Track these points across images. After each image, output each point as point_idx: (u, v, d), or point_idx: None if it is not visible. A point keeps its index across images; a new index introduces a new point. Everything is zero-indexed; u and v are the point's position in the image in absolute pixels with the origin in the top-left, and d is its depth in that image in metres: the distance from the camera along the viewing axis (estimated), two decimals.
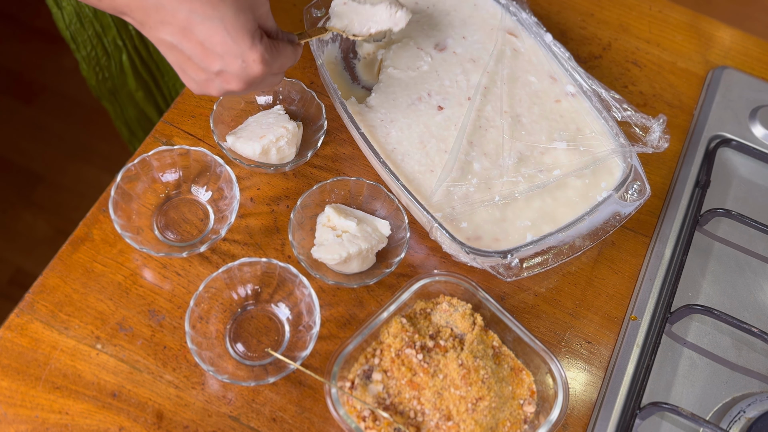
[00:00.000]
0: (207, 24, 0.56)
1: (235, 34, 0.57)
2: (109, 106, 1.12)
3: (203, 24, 0.56)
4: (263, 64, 0.59)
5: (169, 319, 0.69)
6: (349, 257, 0.69)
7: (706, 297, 0.77)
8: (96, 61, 1.01)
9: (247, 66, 0.59)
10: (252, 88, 0.62)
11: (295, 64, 0.65)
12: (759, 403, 0.70)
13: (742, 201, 0.83)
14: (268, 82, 0.63)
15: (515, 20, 0.85)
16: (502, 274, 0.69)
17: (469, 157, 0.76)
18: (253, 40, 0.58)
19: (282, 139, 0.75)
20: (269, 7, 0.62)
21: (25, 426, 0.63)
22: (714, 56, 0.94)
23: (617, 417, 0.69)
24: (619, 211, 0.74)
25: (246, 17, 0.57)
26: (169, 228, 0.73)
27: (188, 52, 0.58)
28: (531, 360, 0.68)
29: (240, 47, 0.58)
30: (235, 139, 0.75)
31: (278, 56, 0.62)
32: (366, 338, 0.66)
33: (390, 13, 0.72)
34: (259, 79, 0.61)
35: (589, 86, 0.80)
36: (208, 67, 0.59)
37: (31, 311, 0.68)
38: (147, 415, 0.65)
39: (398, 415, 0.64)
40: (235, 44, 0.57)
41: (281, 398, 0.67)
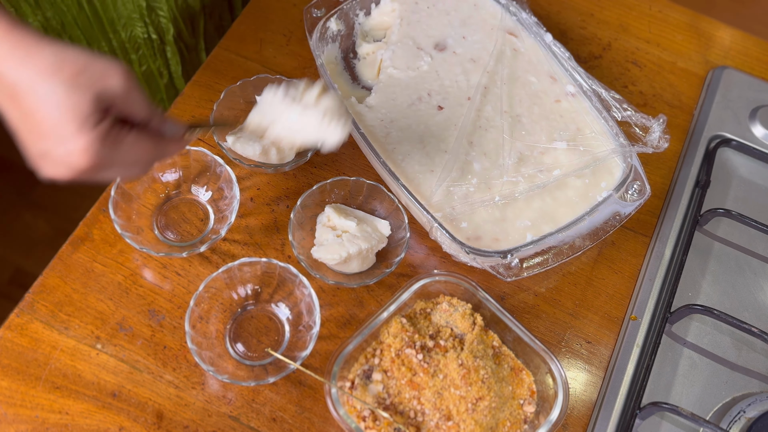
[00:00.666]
0: (35, 96, 0.48)
1: (62, 115, 0.48)
2: None
3: (31, 95, 0.48)
4: (89, 156, 0.49)
5: (169, 319, 0.69)
6: (349, 257, 0.69)
7: (706, 297, 0.77)
8: None
9: (71, 155, 0.49)
10: (88, 178, 0.52)
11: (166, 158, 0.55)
12: (759, 403, 0.70)
13: (742, 201, 0.83)
14: (112, 174, 0.53)
15: (515, 20, 0.85)
16: (502, 274, 0.69)
17: (469, 157, 0.76)
18: (82, 125, 0.49)
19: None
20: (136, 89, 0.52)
21: (25, 426, 0.63)
22: (714, 56, 0.94)
23: (617, 417, 0.69)
24: (619, 211, 0.74)
25: (80, 98, 0.48)
26: (169, 228, 0.73)
27: (15, 122, 0.50)
28: (531, 360, 0.68)
29: (64, 131, 0.49)
30: (235, 139, 0.75)
31: (121, 149, 0.51)
32: (366, 338, 0.66)
33: (321, 125, 0.60)
34: (88, 171, 0.50)
35: (589, 86, 0.80)
36: (34, 143, 0.50)
37: (31, 311, 0.68)
38: (147, 415, 0.65)
39: (398, 415, 0.64)
40: (60, 126, 0.48)
41: (281, 398, 0.67)
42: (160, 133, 0.56)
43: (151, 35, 0.96)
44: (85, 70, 0.49)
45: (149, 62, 1.01)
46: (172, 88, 1.07)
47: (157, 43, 0.98)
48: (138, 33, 0.96)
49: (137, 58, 1.00)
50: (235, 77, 0.83)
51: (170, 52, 0.99)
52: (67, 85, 0.48)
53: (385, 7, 0.85)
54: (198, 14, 0.97)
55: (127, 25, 0.95)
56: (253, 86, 0.79)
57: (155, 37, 0.97)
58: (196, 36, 1.01)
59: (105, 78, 0.50)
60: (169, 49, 0.99)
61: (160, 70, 1.03)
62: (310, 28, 0.80)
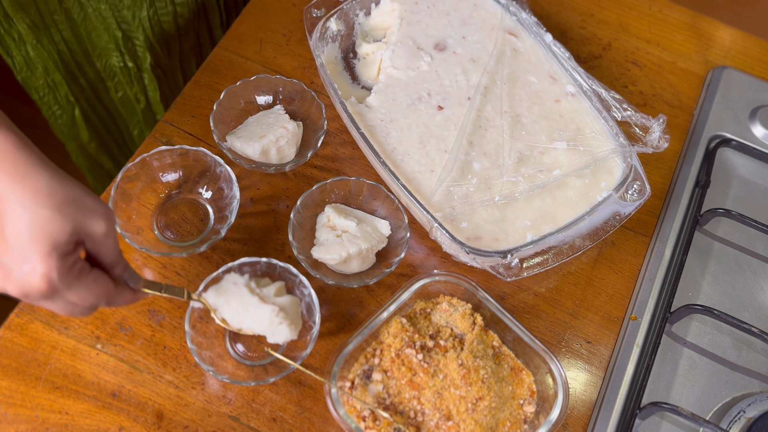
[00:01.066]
0: (15, 210, 0.49)
1: (36, 235, 0.49)
2: (72, 146, 1.11)
3: (12, 208, 0.49)
4: (47, 282, 0.49)
5: (169, 319, 0.69)
6: (349, 257, 0.69)
7: (706, 297, 0.77)
8: (48, 106, 0.99)
9: (29, 275, 0.49)
10: (32, 301, 0.52)
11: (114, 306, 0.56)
12: (759, 403, 0.70)
13: (742, 201, 0.83)
14: (58, 306, 0.53)
15: (515, 20, 0.85)
16: (502, 274, 0.69)
17: (469, 157, 0.76)
18: (51, 251, 0.49)
19: (282, 139, 0.75)
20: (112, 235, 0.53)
21: (25, 426, 0.63)
22: (714, 56, 0.94)
23: (617, 417, 0.69)
24: (619, 211, 0.74)
25: (60, 225, 0.49)
26: (169, 228, 0.73)
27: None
28: (531, 360, 0.68)
29: (32, 250, 0.49)
30: (235, 139, 0.75)
31: (78, 285, 0.52)
32: (366, 338, 0.66)
33: (272, 321, 0.62)
34: (38, 295, 0.50)
35: (589, 86, 0.80)
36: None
37: (31, 311, 0.68)
38: (147, 415, 0.65)
39: (398, 415, 0.64)
40: (30, 245, 0.49)
41: (281, 398, 0.67)
42: (118, 280, 0.56)
43: (128, 63, 0.96)
44: (73, 201, 0.50)
45: (125, 89, 1.01)
46: (149, 113, 1.05)
47: (134, 71, 0.97)
48: (114, 62, 0.95)
49: (113, 85, 1.00)
50: (235, 77, 0.83)
51: (147, 79, 0.99)
52: (52, 210, 0.49)
53: (385, 7, 0.85)
54: (173, 38, 0.97)
55: (102, 56, 0.94)
56: (253, 86, 0.79)
57: (132, 65, 0.96)
58: (172, 59, 1.00)
59: (90, 215, 0.51)
60: (146, 76, 0.99)
61: (137, 96, 1.02)
62: (310, 28, 0.80)
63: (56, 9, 0.85)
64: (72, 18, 0.88)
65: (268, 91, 0.80)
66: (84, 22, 0.88)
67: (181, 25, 0.96)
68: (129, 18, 0.89)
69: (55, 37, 0.89)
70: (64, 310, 0.53)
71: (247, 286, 0.64)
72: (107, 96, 1.02)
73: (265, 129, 0.75)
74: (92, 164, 1.14)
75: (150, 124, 1.07)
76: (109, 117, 1.07)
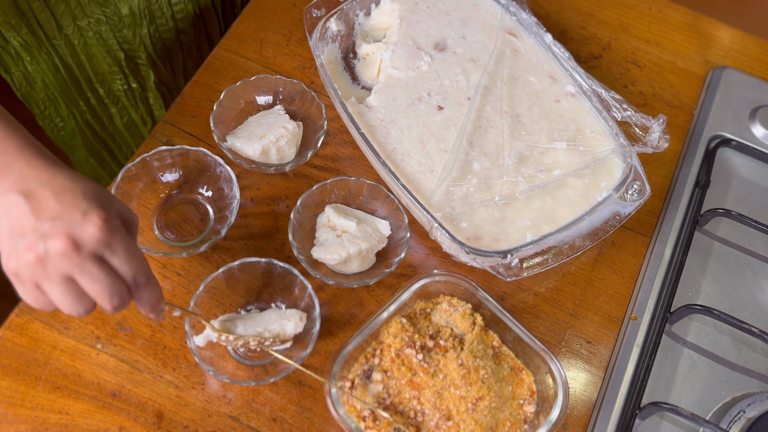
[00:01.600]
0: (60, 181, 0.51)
1: (91, 194, 0.51)
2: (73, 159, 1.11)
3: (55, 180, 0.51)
4: (104, 228, 0.50)
5: (169, 319, 0.69)
6: (349, 257, 0.69)
7: (706, 297, 0.77)
8: (50, 119, 0.99)
9: (84, 222, 0.50)
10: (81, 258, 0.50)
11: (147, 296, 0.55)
12: (759, 403, 0.70)
13: (742, 201, 0.83)
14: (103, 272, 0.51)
15: (515, 20, 0.85)
16: (502, 274, 0.69)
17: (469, 157, 0.76)
18: (107, 205, 0.51)
19: (282, 139, 0.75)
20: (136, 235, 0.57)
21: (25, 426, 0.63)
22: (714, 56, 0.94)
23: (617, 417, 0.69)
24: (619, 211, 0.74)
25: (109, 195, 0.53)
26: (169, 228, 0.73)
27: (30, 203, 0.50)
28: (531, 360, 0.68)
29: (87, 204, 0.50)
30: (235, 139, 0.75)
31: (128, 244, 0.52)
32: (366, 338, 0.66)
33: (281, 315, 0.66)
34: (93, 242, 0.50)
35: (589, 86, 0.80)
36: (40, 215, 0.50)
37: (31, 311, 0.68)
38: (147, 415, 0.65)
39: (398, 415, 0.64)
40: (84, 200, 0.51)
41: (281, 398, 0.67)
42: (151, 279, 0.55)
43: (131, 85, 0.95)
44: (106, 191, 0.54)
45: (130, 113, 1.01)
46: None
47: (138, 92, 0.97)
48: (117, 86, 0.95)
49: (117, 111, 0.99)
50: (235, 77, 0.83)
51: (152, 98, 0.99)
52: (98, 186, 0.53)
53: (385, 7, 0.85)
54: (176, 54, 0.97)
55: (105, 81, 0.94)
56: (253, 86, 0.79)
57: (135, 86, 0.96)
58: (176, 76, 1.00)
59: (127, 207, 0.56)
60: (151, 95, 0.98)
61: (143, 117, 1.02)
62: (310, 28, 0.80)
63: (55, 35, 0.84)
64: (72, 44, 0.87)
65: (268, 91, 0.80)
66: (84, 48, 0.88)
67: (184, 41, 0.96)
68: (130, 37, 0.89)
69: (55, 60, 0.88)
70: (105, 280, 0.51)
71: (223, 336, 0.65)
72: (111, 123, 1.02)
73: (265, 129, 0.75)
74: (94, 176, 1.13)
75: None
76: (113, 141, 1.06)
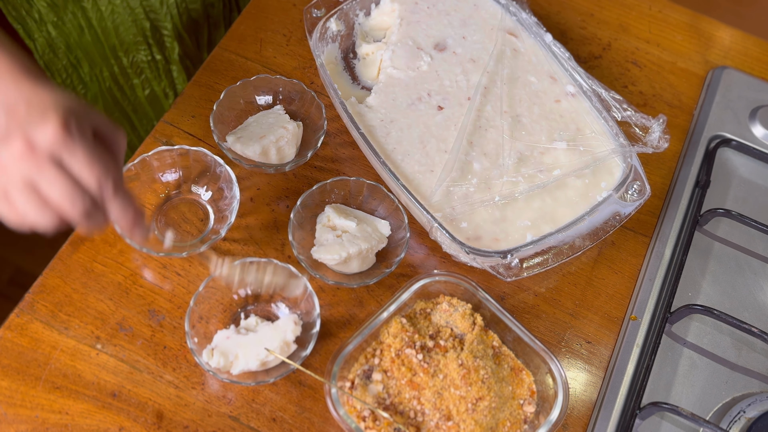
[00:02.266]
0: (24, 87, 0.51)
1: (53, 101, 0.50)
2: None
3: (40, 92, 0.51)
4: (63, 129, 0.49)
5: (169, 319, 0.69)
6: (349, 257, 0.69)
7: (706, 297, 0.77)
8: (72, 88, 0.99)
9: (43, 125, 0.49)
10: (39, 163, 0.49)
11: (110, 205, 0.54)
12: (759, 403, 0.70)
13: (742, 201, 0.83)
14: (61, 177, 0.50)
15: (515, 20, 0.85)
16: (502, 274, 0.69)
17: (469, 157, 0.76)
18: (68, 111, 0.50)
19: (282, 139, 0.75)
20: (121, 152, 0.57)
21: (25, 426, 0.63)
22: (714, 56, 0.94)
23: (617, 417, 0.69)
24: (619, 211, 0.74)
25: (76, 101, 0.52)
26: (169, 228, 0.73)
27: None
28: (531, 360, 0.68)
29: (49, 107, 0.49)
30: (235, 139, 0.75)
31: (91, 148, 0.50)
32: (366, 338, 0.66)
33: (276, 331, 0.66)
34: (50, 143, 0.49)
35: (589, 86, 0.80)
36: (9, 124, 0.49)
37: (31, 311, 0.68)
38: (147, 415, 0.65)
39: (398, 415, 0.64)
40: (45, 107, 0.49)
41: (281, 398, 0.67)
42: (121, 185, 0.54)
43: (156, 56, 0.96)
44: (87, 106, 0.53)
45: (153, 85, 1.01)
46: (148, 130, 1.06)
47: (162, 64, 0.97)
48: (141, 57, 0.95)
49: (140, 82, 1.00)
50: (235, 77, 0.83)
51: (176, 71, 0.99)
52: (78, 100, 0.52)
53: (385, 7, 0.85)
54: (202, 27, 0.97)
55: (130, 51, 0.94)
56: (253, 86, 0.79)
57: (159, 57, 0.96)
58: (200, 49, 1.00)
59: (103, 117, 0.54)
60: (174, 68, 0.98)
61: (165, 90, 1.02)
62: (310, 28, 0.80)
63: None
64: (99, 10, 0.88)
65: (268, 91, 0.80)
66: (111, 15, 0.89)
67: (211, 13, 0.96)
68: (157, 6, 0.90)
69: (81, 21, 0.89)
70: (65, 184, 0.49)
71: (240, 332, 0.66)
72: (133, 93, 1.03)
73: (265, 129, 0.75)
74: None
75: None
76: (133, 112, 1.07)
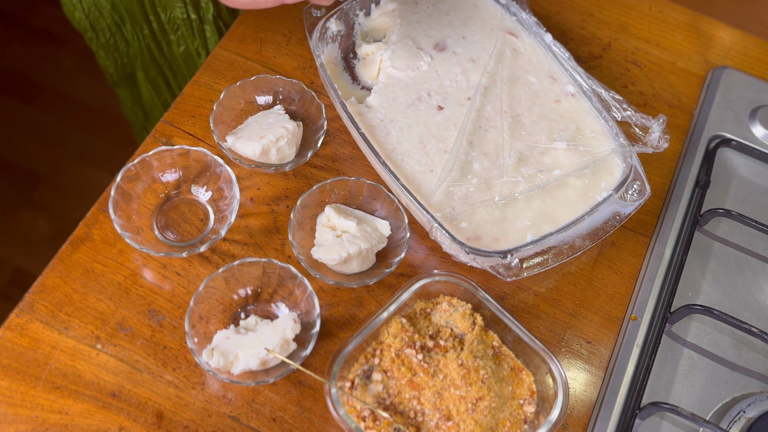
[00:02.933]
0: None
1: None
2: (126, 93, 1.15)
3: None
4: None
5: (169, 319, 0.69)
6: (349, 257, 0.69)
7: (706, 297, 0.77)
8: (115, 47, 1.03)
9: None
10: None
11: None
12: (759, 403, 0.70)
13: (742, 201, 0.83)
14: None
15: (515, 20, 0.85)
16: (502, 274, 0.69)
17: (469, 157, 0.76)
18: None
19: (282, 139, 0.75)
20: None
21: (25, 426, 0.63)
22: (714, 56, 0.94)
23: (617, 417, 0.69)
24: (619, 211, 0.74)
25: None
26: (169, 228, 0.73)
27: None
28: (531, 360, 0.68)
29: None
30: (235, 139, 0.75)
31: None
32: (366, 338, 0.66)
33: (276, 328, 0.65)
34: None
35: (589, 86, 0.80)
36: None
37: (31, 311, 0.68)
38: (147, 415, 0.65)
39: (398, 415, 0.64)
40: None
41: (281, 398, 0.67)
42: None
43: (191, 15, 0.98)
44: None
45: (188, 42, 1.03)
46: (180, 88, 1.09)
47: (196, 23, 0.99)
48: (177, 14, 0.97)
49: (176, 38, 1.02)
50: (235, 77, 0.83)
51: (209, 31, 1.01)
52: None
53: (385, 7, 0.85)
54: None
55: (167, 6, 0.96)
56: (253, 86, 0.79)
57: (194, 17, 0.98)
58: (235, 14, 1.01)
59: None
60: (208, 29, 1.00)
61: (198, 50, 1.04)
62: (310, 28, 0.80)
63: None
64: None
65: (268, 91, 0.80)
66: None
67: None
68: None
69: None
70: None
71: (240, 332, 0.66)
72: (169, 50, 1.05)
73: (265, 129, 0.75)
74: (155, 101, 1.17)
75: None
76: (169, 69, 1.10)
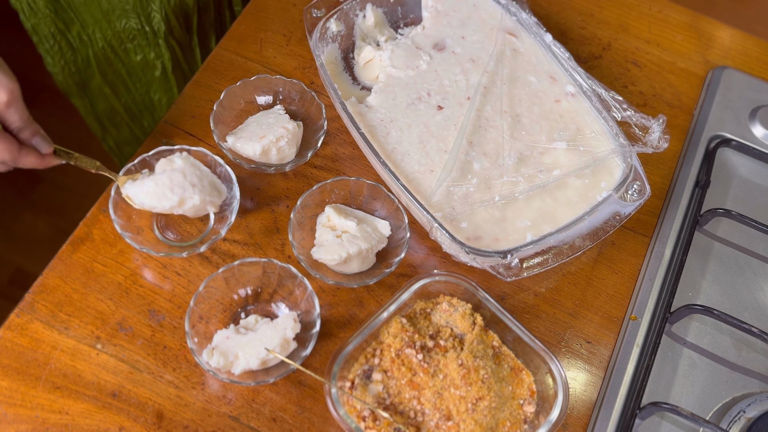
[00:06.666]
0: None
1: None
2: (78, 102, 1.11)
3: None
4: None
5: (169, 319, 0.69)
6: (349, 257, 0.69)
7: (706, 297, 0.77)
8: (60, 54, 1.01)
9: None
10: None
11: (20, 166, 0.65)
12: (759, 403, 0.70)
13: (742, 201, 0.83)
14: None
15: (515, 20, 0.85)
16: (502, 274, 0.69)
17: (469, 157, 0.76)
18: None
19: (282, 139, 0.75)
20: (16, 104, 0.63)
21: (25, 426, 0.63)
22: (714, 56, 0.94)
23: (617, 417, 0.69)
24: (619, 211, 0.74)
25: None
26: (169, 228, 0.73)
27: None
28: (531, 360, 0.68)
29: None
30: (235, 139, 0.75)
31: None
32: (366, 338, 0.66)
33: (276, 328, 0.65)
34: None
35: (589, 86, 0.80)
36: None
37: (31, 311, 0.68)
38: (147, 415, 0.65)
39: (398, 415, 0.64)
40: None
41: (281, 398, 0.67)
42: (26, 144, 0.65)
43: (145, 27, 0.97)
44: None
45: (145, 52, 1.01)
46: (165, 82, 1.06)
47: (150, 36, 0.98)
48: (132, 24, 0.96)
49: (133, 47, 1.00)
50: (235, 77, 0.83)
51: (162, 47, 0.99)
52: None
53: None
54: (191, 11, 0.97)
55: (122, 17, 0.95)
56: (253, 86, 0.79)
57: (148, 29, 0.97)
58: (189, 33, 1.00)
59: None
60: (161, 44, 0.99)
61: (153, 62, 1.03)
62: (310, 29, 0.80)
63: None
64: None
65: (268, 91, 0.80)
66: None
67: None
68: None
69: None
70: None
71: (240, 332, 0.66)
72: (127, 57, 1.03)
73: (265, 129, 0.75)
74: (110, 109, 1.14)
75: (167, 94, 1.07)
76: (127, 75, 1.07)
